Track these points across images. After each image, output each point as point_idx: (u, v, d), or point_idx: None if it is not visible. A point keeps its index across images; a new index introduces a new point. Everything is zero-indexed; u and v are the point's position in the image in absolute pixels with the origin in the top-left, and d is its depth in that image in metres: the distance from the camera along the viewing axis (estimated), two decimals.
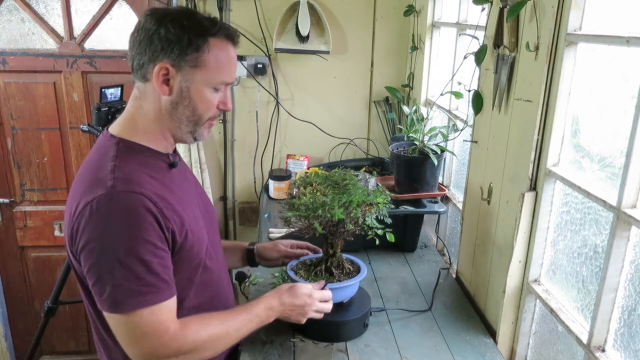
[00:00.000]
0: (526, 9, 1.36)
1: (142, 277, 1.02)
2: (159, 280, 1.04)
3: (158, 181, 1.10)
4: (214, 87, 1.12)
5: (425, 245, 2.12)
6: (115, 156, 1.08)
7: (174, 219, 1.08)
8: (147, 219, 1.03)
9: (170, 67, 1.07)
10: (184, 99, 1.11)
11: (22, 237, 2.89)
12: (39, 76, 2.64)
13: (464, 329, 1.55)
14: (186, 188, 1.23)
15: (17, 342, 3.08)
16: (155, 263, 1.03)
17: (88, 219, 1.01)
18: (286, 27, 2.56)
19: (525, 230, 1.43)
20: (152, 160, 1.14)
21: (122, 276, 1.01)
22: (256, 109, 2.71)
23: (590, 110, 1.27)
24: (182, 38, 1.06)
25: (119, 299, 1.02)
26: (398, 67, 2.71)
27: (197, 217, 1.21)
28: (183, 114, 1.12)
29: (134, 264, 1.01)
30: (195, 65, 1.08)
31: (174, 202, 1.10)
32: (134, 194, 1.03)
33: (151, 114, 1.13)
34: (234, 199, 2.89)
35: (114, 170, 1.05)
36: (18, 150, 2.74)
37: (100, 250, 1.01)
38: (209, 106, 1.13)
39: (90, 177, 1.07)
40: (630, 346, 1.12)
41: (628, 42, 1.05)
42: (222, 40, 1.11)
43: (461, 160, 2.13)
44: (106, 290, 1.02)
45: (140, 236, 1.02)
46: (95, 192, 1.02)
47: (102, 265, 1.01)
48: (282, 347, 1.44)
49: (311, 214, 1.36)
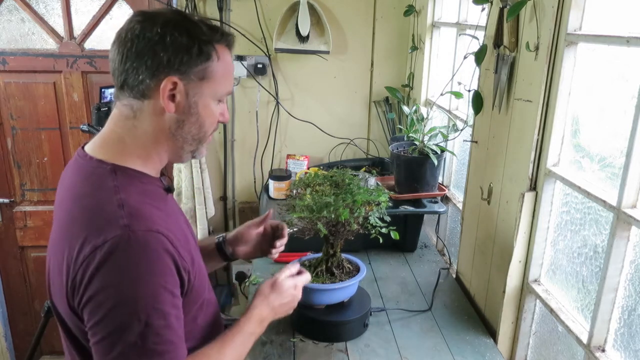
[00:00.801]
0: (526, 9, 1.37)
1: (162, 334, 0.87)
2: (176, 337, 0.90)
3: (162, 211, 0.97)
4: (219, 99, 1.01)
5: (425, 245, 2.12)
6: (117, 187, 0.92)
7: (186, 257, 0.96)
8: (168, 263, 0.90)
9: (178, 81, 0.93)
10: (191, 115, 0.97)
11: (22, 237, 2.89)
12: (39, 76, 2.64)
13: (464, 329, 1.55)
14: (178, 213, 1.11)
15: (17, 342, 3.08)
16: (173, 316, 0.90)
17: (99, 265, 0.85)
18: (286, 27, 2.56)
19: (525, 230, 1.43)
20: (150, 188, 1.00)
21: (138, 333, 0.85)
22: (256, 109, 2.71)
23: (590, 110, 1.27)
24: (192, 47, 0.93)
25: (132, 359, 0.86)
26: (398, 67, 2.70)
27: (195, 245, 1.08)
28: (189, 132, 0.99)
29: (154, 318, 0.86)
30: (203, 77, 0.95)
31: (180, 236, 0.98)
32: (153, 233, 0.88)
33: (149, 135, 0.97)
34: (234, 199, 2.89)
35: (122, 205, 0.90)
36: (18, 150, 2.74)
37: (115, 303, 0.85)
38: (213, 120, 1.01)
39: (94, 215, 0.90)
40: (630, 346, 1.12)
41: (628, 42, 1.05)
42: (225, 48, 0.99)
43: (461, 160, 2.13)
44: (115, 349, 0.85)
45: (162, 284, 0.88)
46: (107, 233, 0.86)
47: (115, 321, 0.85)
48: (282, 347, 1.44)
49: (315, 215, 1.36)
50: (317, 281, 1.45)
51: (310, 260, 1.54)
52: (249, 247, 1.35)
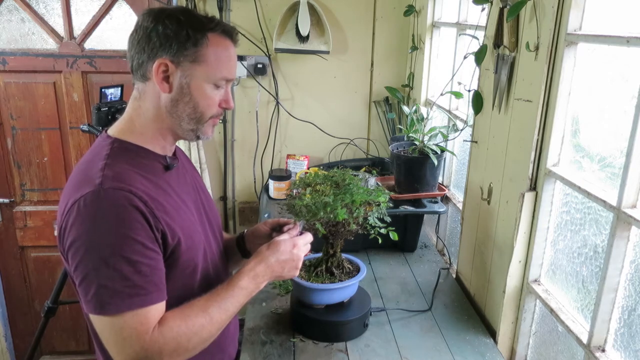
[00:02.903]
0: (526, 9, 1.37)
1: (129, 278, 0.98)
2: (147, 283, 1.00)
3: (151, 182, 1.07)
4: (214, 83, 1.10)
5: (425, 245, 2.12)
6: (107, 155, 1.06)
7: (165, 220, 1.05)
8: (136, 218, 1.00)
9: (169, 63, 1.06)
10: (184, 95, 1.08)
11: (22, 237, 2.89)
12: (39, 76, 2.64)
13: (464, 329, 1.55)
14: (184, 191, 1.20)
15: (17, 342, 3.08)
16: (144, 264, 1.00)
17: (75, 216, 0.99)
18: (286, 27, 2.56)
19: (525, 230, 1.43)
20: (147, 162, 1.11)
21: (107, 276, 0.97)
22: (256, 109, 2.71)
23: (590, 110, 1.27)
24: (180, 33, 1.05)
25: (104, 300, 0.97)
26: (398, 67, 2.71)
27: (193, 221, 1.17)
28: (184, 111, 1.10)
29: (120, 264, 0.97)
30: (195, 60, 1.07)
31: (166, 203, 1.07)
32: (122, 192, 0.99)
33: (150, 113, 1.11)
34: (234, 199, 2.89)
35: (104, 168, 1.03)
36: (18, 150, 2.74)
37: (86, 249, 0.98)
38: (209, 103, 1.11)
39: (81, 176, 1.05)
40: (630, 346, 1.12)
41: (628, 42, 1.05)
42: (221, 36, 1.09)
43: (461, 160, 2.13)
44: (91, 290, 0.98)
45: (128, 235, 0.98)
46: (83, 190, 1.00)
47: (88, 265, 0.98)
48: (282, 347, 1.44)
49: (313, 216, 1.36)
50: (317, 281, 1.45)
51: (310, 260, 1.54)
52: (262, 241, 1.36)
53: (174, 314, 1.06)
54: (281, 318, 1.56)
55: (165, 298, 1.04)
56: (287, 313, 1.58)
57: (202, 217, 1.24)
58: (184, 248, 1.10)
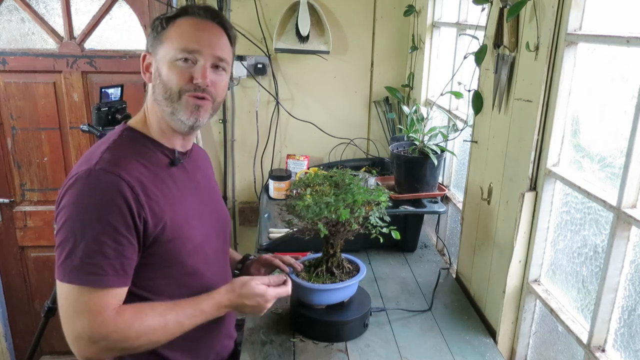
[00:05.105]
0: (526, 9, 1.37)
1: (92, 256, 1.02)
2: (107, 265, 1.04)
3: (149, 171, 1.12)
4: (177, 58, 1.11)
5: (425, 245, 2.12)
6: (114, 140, 1.13)
7: (151, 207, 1.08)
8: (117, 202, 1.04)
9: (147, 54, 1.16)
10: (156, 78, 1.14)
11: (22, 237, 2.89)
12: (39, 76, 2.64)
13: (464, 329, 1.55)
14: (188, 188, 1.22)
15: (17, 342, 3.08)
16: (109, 247, 1.03)
17: (65, 190, 1.06)
18: (286, 27, 2.56)
19: (525, 230, 1.43)
20: (153, 153, 1.17)
21: (73, 249, 1.02)
22: (256, 109, 2.71)
23: (590, 110, 1.27)
24: (156, 23, 1.14)
25: (65, 269, 1.03)
26: (398, 67, 2.70)
27: (190, 217, 1.19)
28: (160, 94, 1.14)
29: (88, 241, 1.02)
30: (160, 44, 1.14)
31: (160, 193, 1.12)
32: (111, 175, 1.05)
33: (149, 104, 1.19)
34: (234, 199, 2.89)
35: (105, 151, 1.09)
36: (18, 150, 2.74)
37: (65, 219, 1.04)
38: (174, 78, 1.11)
39: (86, 156, 1.11)
40: (630, 346, 1.12)
41: (628, 42, 1.05)
42: (191, 17, 1.15)
43: (461, 160, 2.13)
44: (60, 258, 1.04)
45: (103, 217, 1.03)
46: (81, 168, 1.06)
47: (63, 234, 1.04)
48: (282, 347, 1.44)
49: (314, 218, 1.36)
50: (317, 281, 1.45)
51: (310, 260, 1.54)
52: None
53: (134, 309, 1.08)
54: (281, 318, 1.56)
55: (126, 285, 1.08)
56: (287, 313, 1.58)
57: (204, 217, 1.25)
58: (167, 237, 1.12)
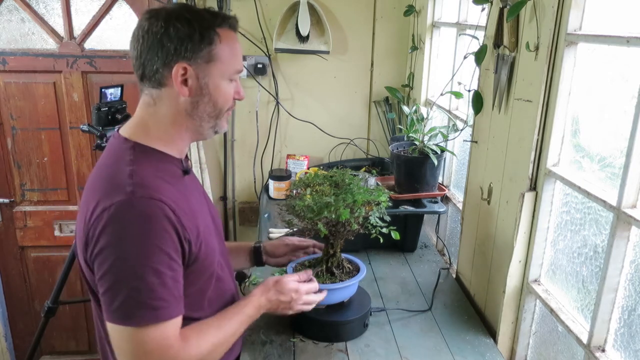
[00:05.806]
0: (526, 9, 1.37)
1: (155, 290, 0.97)
2: (170, 295, 0.99)
3: (174, 187, 1.07)
4: (229, 78, 1.11)
5: (425, 245, 2.12)
6: (132, 160, 1.04)
7: (190, 228, 1.05)
8: (166, 228, 0.99)
9: (187, 67, 1.05)
10: (204, 96, 1.08)
11: (22, 237, 2.89)
12: (39, 76, 2.64)
13: (464, 329, 1.55)
14: (197, 196, 1.21)
15: (17, 342, 3.08)
16: (168, 276, 0.99)
17: (105, 225, 0.97)
18: (286, 27, 2.56)
19: (525, 230, 1.43)
20: (167, 166, 1.11)
21: (135, 287, 0.96)
22: (256, 109, 2.71)
23: (590, 110, 1.27)
24: (193, 34, 1.04)
25: (130, 311, 0.96)
26: (398, 67, 2.71)
27: (208, 226, 1.18)
28: (204, 111, 1.10)
29: (148, 275, 0.96)
30: (210, 60, 1.06)
31: (189, 210, 1.07)
32: (154, 201, 0.98)
33: (169, 119, 1.10)
34: (234, 199, 2.89)
35: (132, 175, 1.01)
36: (18, 150, 2.74)
37: (116, 257, 0.96)
38: (227, 98, 1.12)
39: (107, 182, 1.02)
40: (630, 346, 1.12)
41: (628, 42, 1.05)
42: (229, 30, 1.10)
43: (461, 160, 2.13)
44: (117, 300, 0.96)
45: (157, 245, 0.97)
46: (114, 198, 0.98)
47: (116, 273, 0.97)
48: (282, 347, 1.44)
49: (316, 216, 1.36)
50: (317, 281, 1.45)
51: (310, 260, 1.54)
52: (280, 260, 1.54)
53: (193, 331, 1.08)
54: (281, 318, 1.56)
55: (182, 312, 1.04)
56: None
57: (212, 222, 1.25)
58: (204, 255, 1.11)
